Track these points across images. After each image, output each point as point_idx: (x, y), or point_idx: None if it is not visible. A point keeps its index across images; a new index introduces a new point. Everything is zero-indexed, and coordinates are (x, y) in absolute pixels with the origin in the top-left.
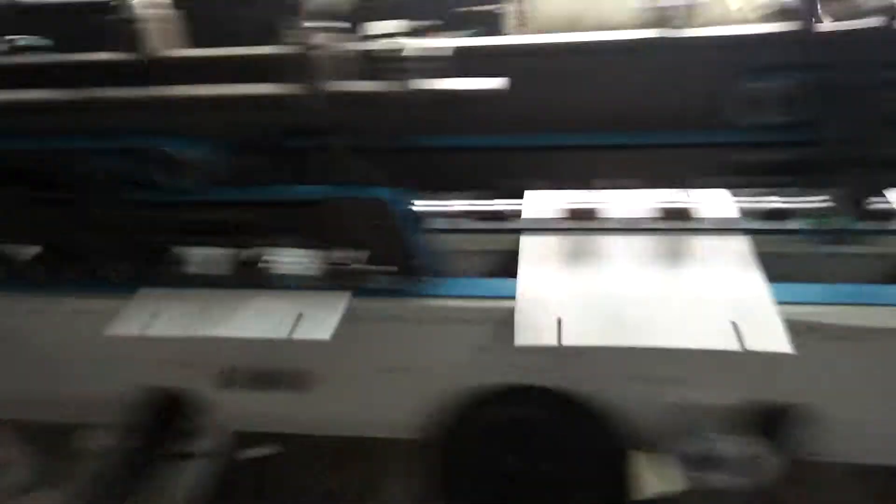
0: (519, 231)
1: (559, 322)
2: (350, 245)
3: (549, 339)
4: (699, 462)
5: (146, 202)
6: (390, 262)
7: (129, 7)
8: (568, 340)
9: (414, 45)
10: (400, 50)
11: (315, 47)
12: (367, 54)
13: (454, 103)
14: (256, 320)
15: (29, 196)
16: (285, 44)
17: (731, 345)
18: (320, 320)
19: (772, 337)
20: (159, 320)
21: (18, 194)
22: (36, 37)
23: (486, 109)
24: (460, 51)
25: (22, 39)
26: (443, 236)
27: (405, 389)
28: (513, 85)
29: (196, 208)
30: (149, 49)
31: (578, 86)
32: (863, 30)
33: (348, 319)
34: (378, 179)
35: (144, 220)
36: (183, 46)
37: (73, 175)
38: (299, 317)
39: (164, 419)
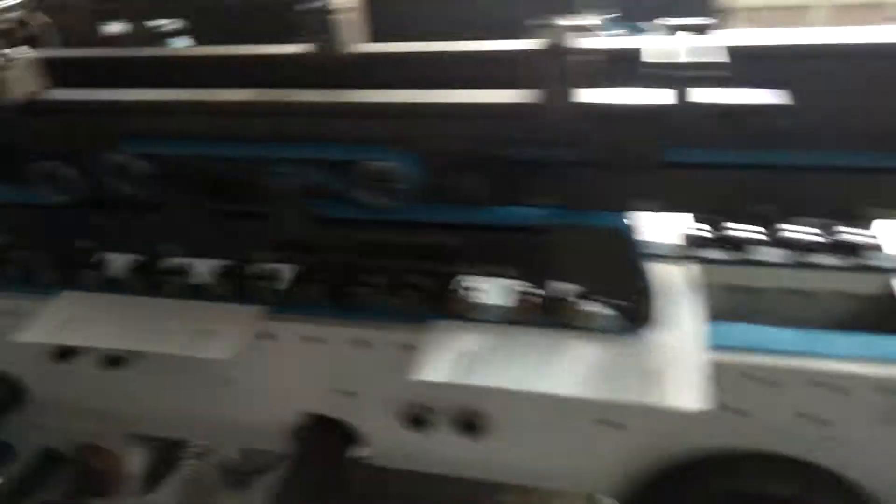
0: (763, 265)
1: (460, 357)
2: (571, 278)
3: (440, 376)
4: None
5: (338, 220)
6: (615, 299)
7: None
8: (456, 378)
9: (680, 46)
10: (666, 52)
11: (564, 46)
12: (620, 55)
13: (729, 117)
14: (164, 334)
15: (204, 207)
16: (523, 40)
17: (631, 396)
18: (227, 338)
19: (683, 391)
20: (68, 329)
21: (192, 205)
22: (174, 21)
23: (767, 122)
24: (737, 51)
25: (162, 24)
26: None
27: (613, 444)
28: (798, 92)
29: (397, 228)
30: (341, 43)
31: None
32: None
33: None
34: (612, 203)
35: (335, 239)
36: (374, 40)
37: (257, 187)
38: (207, 333)
39: (322, 448)
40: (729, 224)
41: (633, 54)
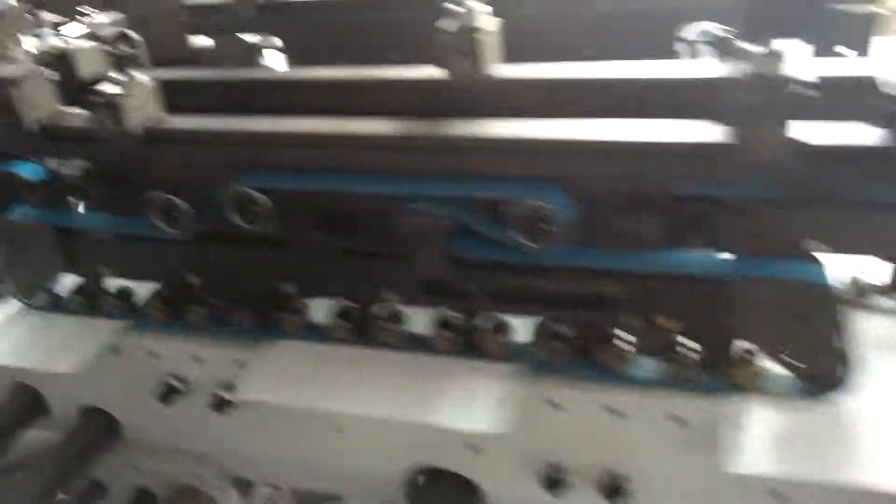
0: None
1: (278, 379)
2: (748, 336)
3: (262, 396)
4: None
5: (482, 262)
6: (803, 359)
7: (456, 12)
8: (265, 397)
9: None
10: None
11: (778, 75)
12: (842, 84)
13: None
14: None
15: (333, 245)
16: (709, 65)
17: (417, 417)
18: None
19: (470, 414)
20: None
21: (320, 241)
22: (268, 36)
23: None
24: None
25: (255, 38)
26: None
27: None
28: None
29: (549, 273)
30: (482, 66)
31: None
32: None
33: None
34: (803, 249)
35: (477, 283)
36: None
37: (391, 226)
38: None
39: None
40: None
41: (860, 83)
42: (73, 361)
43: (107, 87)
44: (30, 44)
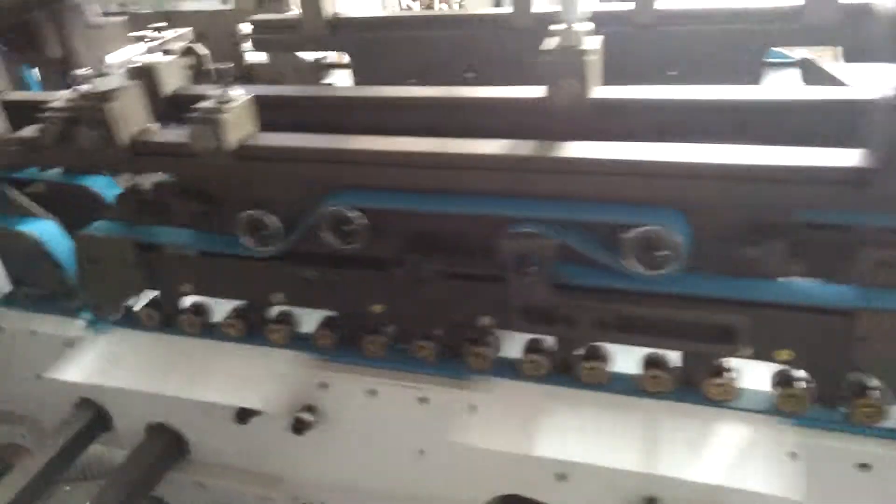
0: None
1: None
2: (873, 370)
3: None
4: None
5: (590, 289)
6: None
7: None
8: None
9: None
10: None
11: None
12: None
13: None
14: None
15: (428, 269)
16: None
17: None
18: None
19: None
20: None
21: (414, 264)
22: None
23: None
24: None
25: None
26: None
27: None
28: None
29: (659, 301)
30: (585, 87)
31: None
32: None
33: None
34: None
35: (583, 310)
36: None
37: (492, 248)
38: None
39: None
40: None
41: None
42: None
43: (205, 104)
44: (116, 57)
